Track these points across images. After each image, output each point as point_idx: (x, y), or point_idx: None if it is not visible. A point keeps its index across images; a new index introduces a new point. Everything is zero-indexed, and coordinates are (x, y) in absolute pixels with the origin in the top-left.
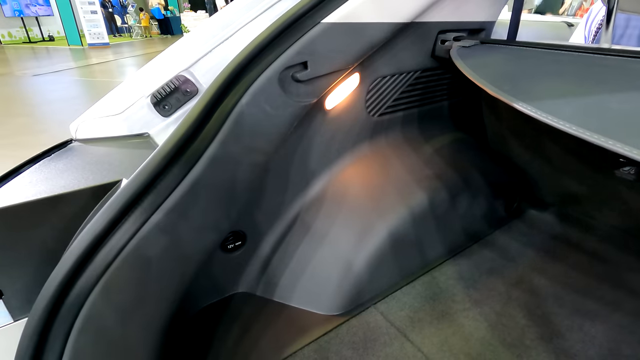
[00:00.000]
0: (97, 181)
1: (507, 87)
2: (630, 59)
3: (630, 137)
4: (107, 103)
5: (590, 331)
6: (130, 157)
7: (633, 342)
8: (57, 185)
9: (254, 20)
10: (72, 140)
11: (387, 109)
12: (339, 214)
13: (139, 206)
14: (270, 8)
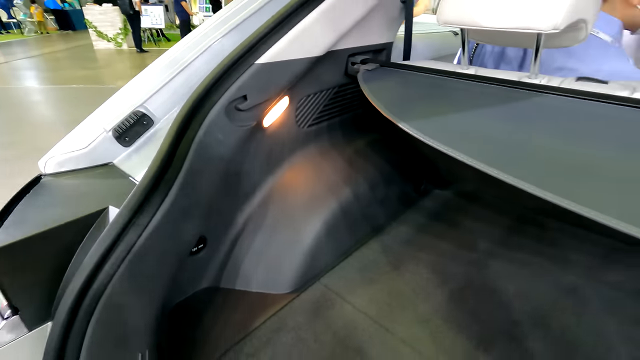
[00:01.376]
0: (83, 211)
1: (395, 109)
2: (485, 84)
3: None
4: (72, 139)
5: (473, 273)
6: (102, 186)
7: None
8: (50, 217)
9: (196, 60)
10: (41, 176)
11: (314, 121)
12: (282, 211)
13: (131, 228)
14: (209, 48)
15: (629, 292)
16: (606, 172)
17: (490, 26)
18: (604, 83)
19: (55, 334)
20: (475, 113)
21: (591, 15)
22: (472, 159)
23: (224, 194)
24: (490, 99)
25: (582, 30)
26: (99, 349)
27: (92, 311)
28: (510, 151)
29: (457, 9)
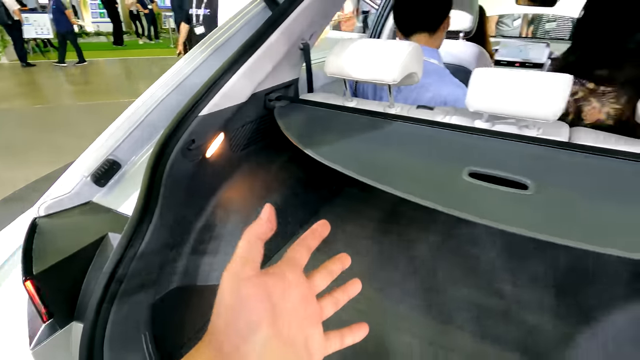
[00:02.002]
0: (90, 238)
1: (302, 138)
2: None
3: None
4: (58, 187)
5: (377, 249)
6: (94, 219)
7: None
8: (66, 246)
9: (150, 114)
10: (37, 218)
11: (245, 146)
12: (228, 217)
13: (130, 248)
14: (160, 103)
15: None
16: (427, 175)
17: (358, 78)
18: (430, 109)
19: (87, 331)
20: (352, 138)
21: (417, 69)
22: (347, 170)
23: (185, 211)
24: (363, 126)
25: (415, 77)
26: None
27: (109, 311)
28: (374, 164)
29: (337, 66)
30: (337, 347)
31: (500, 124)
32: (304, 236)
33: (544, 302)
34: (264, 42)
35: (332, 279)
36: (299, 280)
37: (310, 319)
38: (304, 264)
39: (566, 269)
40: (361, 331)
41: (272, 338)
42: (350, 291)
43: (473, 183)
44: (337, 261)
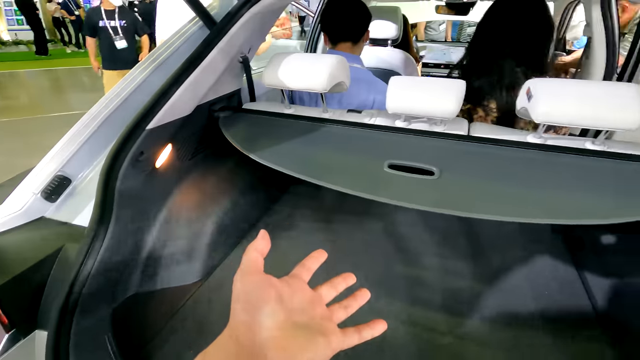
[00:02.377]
0: (48, 250)
1: (246, 144)
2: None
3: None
4: (7, 205)
5: (330, 240)
6: (48, 232)
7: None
8: (27, 258)
9: (97, 130)
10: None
11: (193, 155)
12: (182, 222)
13: (89, 258)
14: (107, 119)
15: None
16: (356, 169)
17: (293, 87)
18: (358, 112)
19: (51, 338)
20: (292, 141)
21: (344, 78)
22: (288, 170)
23: (139, 220)
24: (301, 130)
25: (343, 85)
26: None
27: (73, 317)
28: (312, 163)
29: (273, 77)
30: (355, 341)
31: (415, 122)
32: (304, 260)
33: (462, 269)
34: (204, 59)
35: (336, 293)
36: (304, 288)
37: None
38: (306, 280)
39: (475, 239)
40: (380, 326)
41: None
42: (359, 299)
43: (391, 173)
44: (341, 279)
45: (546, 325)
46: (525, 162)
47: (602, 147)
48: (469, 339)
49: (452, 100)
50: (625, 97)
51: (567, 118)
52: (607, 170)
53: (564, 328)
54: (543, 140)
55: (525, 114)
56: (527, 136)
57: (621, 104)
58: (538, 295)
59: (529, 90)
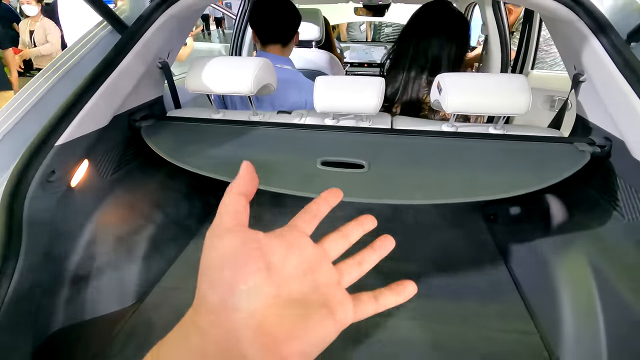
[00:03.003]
0: None
1: (173, 153)
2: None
3: (215, 167)
4: None
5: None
6: None
7: None
8: None
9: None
10: None
11: (114, 170)
12: (110, 241)
13: None
14: (8, 133)
15: None
16: (290, 169)
17: (219, 92)
18: (288, 113)
19: None
20: (223, 146)
21: (271, 80)
22: (221, 176)
23: (57, 246)
24: (232, 135)
25: (270, 87)
26: None
27: None
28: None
29: (197, 83)
30: (370, 311)
31: (344, 119)
32: (310, 203)
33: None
34: (118, 65)
35: (348, 245)
36: (303, 244)
37: (326, 284)
38: (309, 232)
39: (407, 224)
40: (408, 290)
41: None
42: (379, 250)
43: (324, 169)
44: (356, 223)
45: (473, 293)
46: (442, 148)
47: (502, 131)
48: (409, 317)
49: (374, 96)
50: (515, 86)
51: (472, 107)
52: (506, 150)
53: (487, 293)
54: (455, 129)
55: (438, 105)
56: (442, 126)
57: (512, 92)
58: (465, 268)
59: (439, 84)
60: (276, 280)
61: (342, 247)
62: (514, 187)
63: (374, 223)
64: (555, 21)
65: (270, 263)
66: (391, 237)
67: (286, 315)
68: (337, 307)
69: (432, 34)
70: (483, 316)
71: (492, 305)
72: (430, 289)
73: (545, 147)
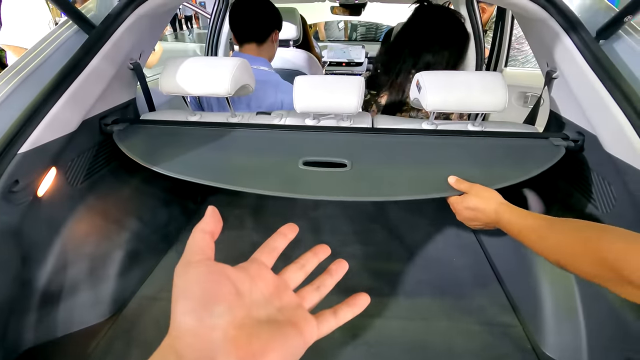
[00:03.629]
0: None
1: (148, 157)
2: None
3: (192, 171)
4: None
5: (238, 254)
6: None
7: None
8: None
9: None
10: None
11: (85, 177)
12: (83, 253)
13: None
14: None
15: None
16: (272, 170)
17: (194, 93)
18: (268, 114)
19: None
20: (201, 149)
21: (249, 81)
22: (200, 179)
23: (23, 261)
24: (210, 137)
25: (249, 87)
26: None
27: None
28: (225, 170)
29: (172, 84)
30: (333, 325)
31: (324, 119)
32: (269, 239)
33: (380, 252)
34: (85, 66)
35: (305, 274)
36: (265, 275)
37: (290, 307)
38: (270, 265)
39: (388, 221)
40: (362, 301)
41: (238, 311)
42: (335, 274)
43: (307, 170)
44: (311, 254)
45: (455, 288)
46: (422, 146)
47: (480, 128)
48: (393, 315)
49: (354, 96)
50: (493, 84)
51: (451, 105)
52: (484, 146)
53: (469, 287)
54: (435, 126)
55: (418, 103)
56: (422, 124)
57: (490, 90)
58: (447, 262)
59: (418, 82)
60: (246, 303)
61: (300, 278)
62: (492, 181)
63: (327, 252)
64: (528, 19)
65: (238, 289)
66: (345, 262)
67: (259, 332)
68: (303, 325)
69: (428, 40)
70: (467, 311)
71: (475, 299)
72: (414, 287)
73: (522, 142)
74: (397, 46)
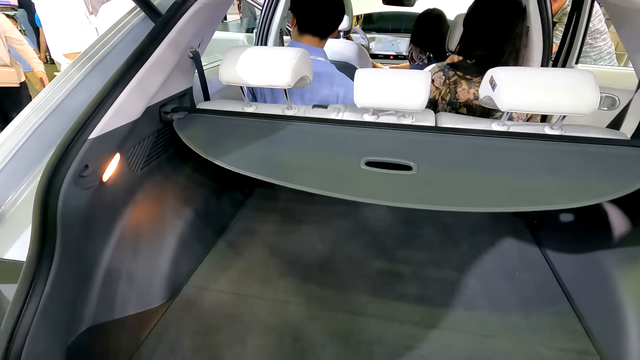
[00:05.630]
0: None
1: (207, 148)
2: None
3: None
4: None
5: (302, 245)
6: None
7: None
8: None
9: (25, 144)
10: None
11: (145, 164)
12: (139, 241)
13: (29, 305)
14: (35, 132)
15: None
16: (330, 169)
17: (254, 84)
18: (324, 108)
19: None
20: (256, 142)
21: (308, 72)
22: (256, 174)
23: (89, 244)
24: (265, 130)
25: (307, 79)
26: None
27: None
28: (280, 165)
29: (231, 74)
30: None
31: (384, 115)
32: None
33: (437, 259)
34: (151, 54)
35: None
36: None
37: None
38: None
39: (447, 229)
40: None
41: None
42: None
43: (369, 170)
44: None
45: (519, 304)
46: (493, 150)
47: (559, 132)
48: (449, 327)
49: (421, 92)
50: (582, 83)
51: (530, 105)
52: (564, 153)
53: (535, 305)
54: (507, 128)
55: (490, 102)
56: (491, 124)
57: (578, 90)
58: (508, 276)
59: (492, 79)
60: None
61: None
62: (581, 196)
63: None
64: (622, 9)
65: None
66: None
67: None
68: None
69: (492, 23)
70: (533, 331)
71: (542, 319)
72: (471, 298)
73: (609, 150)
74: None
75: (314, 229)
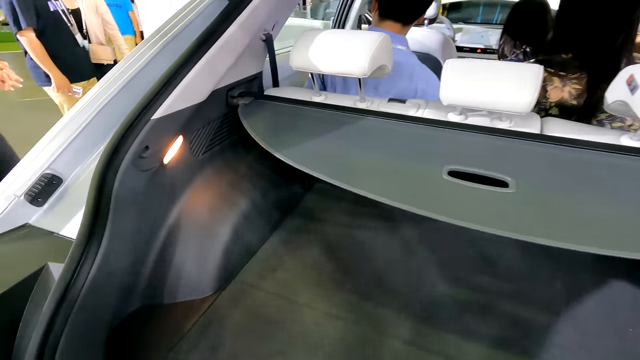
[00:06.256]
0: (25, 272)
1: (269, 139)
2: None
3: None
4: None
5: (358, 247)
6: (30, 245)
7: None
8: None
9: (94, 119)
10: None
11: (207, 149)
12: (193, 228)
13: (76, 281)
14: (104, 107)
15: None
16: (405, 176)
17: (326, 72)
18: (402, 102)
19: None
20: (322, 136)
21: (387, 61)
22: (318, 173)
23: (141, 227)
24: (333, 123)
25: (385, 69)
26: None
27: (55, 352)
28: (346, 166)
29: (303, 59)
30: None
31: (473, 116)
32: None
33: (521, 293)
34: (222, 35)
35: None
36: None
37: None
38: None
39: (538, 257)
40: None
41: None
42: None
43: (453, 182)
44: None
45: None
46: (624, 172)
47: None
48: None
49: (528, 91)
50: None
51: None
52: None
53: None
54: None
55: (623, 110)
56: (620, 137)
57: None
58: (619, 331)
59: (631, 79)
60: None
61: None
62: None
63: None
64: None
65: None
66: None
67: None
68: None
69: (602, 6)
70: None
71: None
72: (564, 353)
73: None
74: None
75: (375, 238)
